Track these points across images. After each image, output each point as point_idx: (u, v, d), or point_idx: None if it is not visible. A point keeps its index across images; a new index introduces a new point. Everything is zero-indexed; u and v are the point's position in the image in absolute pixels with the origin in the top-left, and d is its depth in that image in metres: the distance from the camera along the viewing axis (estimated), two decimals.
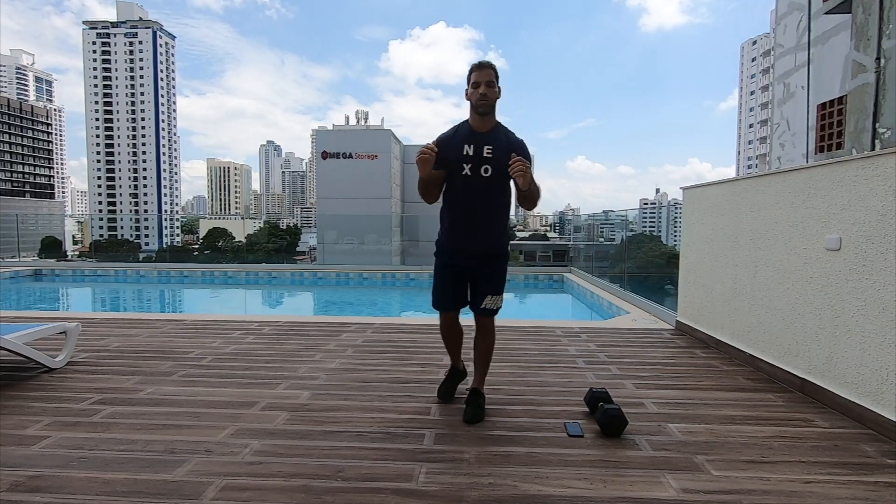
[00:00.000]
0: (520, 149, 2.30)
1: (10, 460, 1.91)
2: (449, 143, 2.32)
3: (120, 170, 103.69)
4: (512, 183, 2.31)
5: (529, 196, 2.25)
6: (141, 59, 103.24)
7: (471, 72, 2.29)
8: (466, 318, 2.56)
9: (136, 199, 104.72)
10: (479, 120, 2.30)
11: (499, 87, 2.29)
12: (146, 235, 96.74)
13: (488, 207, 2.35)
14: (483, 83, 2.24)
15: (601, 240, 11.34)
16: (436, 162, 2.24)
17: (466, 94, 2.31)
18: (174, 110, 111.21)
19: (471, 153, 2.29)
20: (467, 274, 2.41)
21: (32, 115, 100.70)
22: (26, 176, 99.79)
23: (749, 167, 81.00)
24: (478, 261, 2.38)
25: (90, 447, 2.03)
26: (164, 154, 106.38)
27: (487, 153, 2.28)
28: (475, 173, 2.29)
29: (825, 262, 2.58)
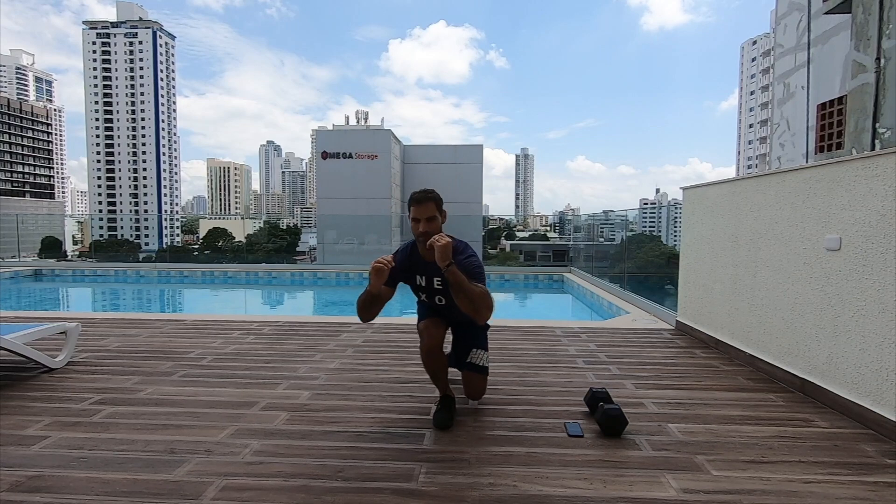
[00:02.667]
0: (464, 269, 2.11)
1: (10, 460, 1.91)
2: (404, 269, 2.31)
3: (120, 170, 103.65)
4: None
5: (457, 285, 2.00)
6: (141, 60, 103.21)
7: (409, 205, 2.22)
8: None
9: (136, 199, 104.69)
10: (425, 250, 2.21)
11: (443, 213, 2.24)
12: (146, 235, 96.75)
13: (454, 316, 2.42)
14: (423, 220, 2.18)
15: (601, 240, 11.34)
16: (391, 280, 2.23)
17: (410, 225, 2.25)
18: (174, 110, 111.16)
19: (423, 284, 2.34)
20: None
21: (32, 115, 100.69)
22: (26, 176, 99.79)
23: (749, 167, 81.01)
24: (458, 323, 2.47)
25: (90, 447, 2.03)
26: (164, 154, 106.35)
27: (438, 285, 2.29)
28: (431, 300, 2.38)
29: (825, 262, 2.58)
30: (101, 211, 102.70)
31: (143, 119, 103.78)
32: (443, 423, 2.26)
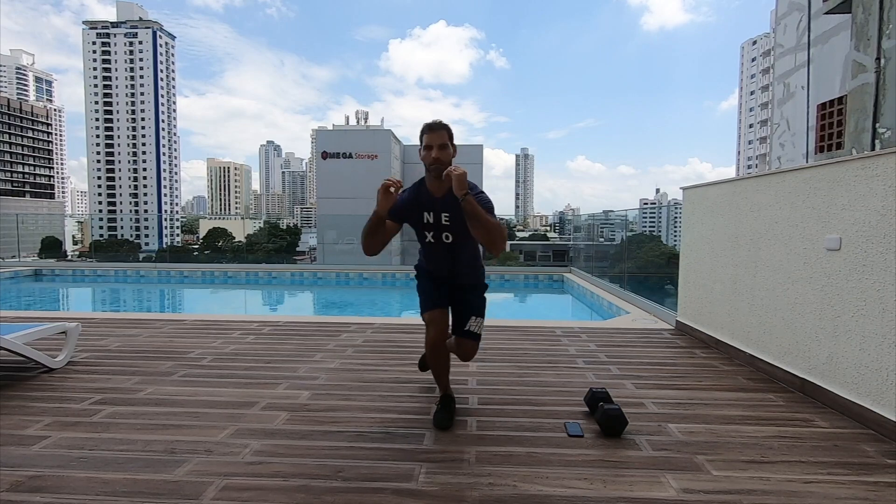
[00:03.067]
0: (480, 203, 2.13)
1: (10, 460, 1.91)
2: (409, 206, 2.28)
3: (120, 170, 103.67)
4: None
5: (473, 213, 2.01)
6: (141, 60, 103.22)
7: (423, 133, 2.21)
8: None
9: (136, 199, 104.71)
10: (435, 183, 2.22)
11: (454, 147, 2.23)
12: (146, 235, 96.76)
13: (458, 260, 2.38)
14: (435, 146, 2.17)
15: (601, 240, 11.34)
16: (395, 217, 2.23)
17: (420, 154, 2.24)
18: (174, 110, 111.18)
19: (431, 221, 2.28)
20: (449, 289, 2.43)
21: (32, 115, 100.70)
22: (26, 176, 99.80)
23: (749, 167, 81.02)
24: (458, 287, 2.43)
25: (90, 447, 2.03)
26: (164, 154, 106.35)
27: (445, 221, 2.26)
28: (437, 239, 2.32)
29: (825, 262, 2.58)
30: (101, 211, 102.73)
31: (143, 119, 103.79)
32: (443, 423, 2.27)
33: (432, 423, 2.29)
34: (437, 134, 2.19)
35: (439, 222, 2.27)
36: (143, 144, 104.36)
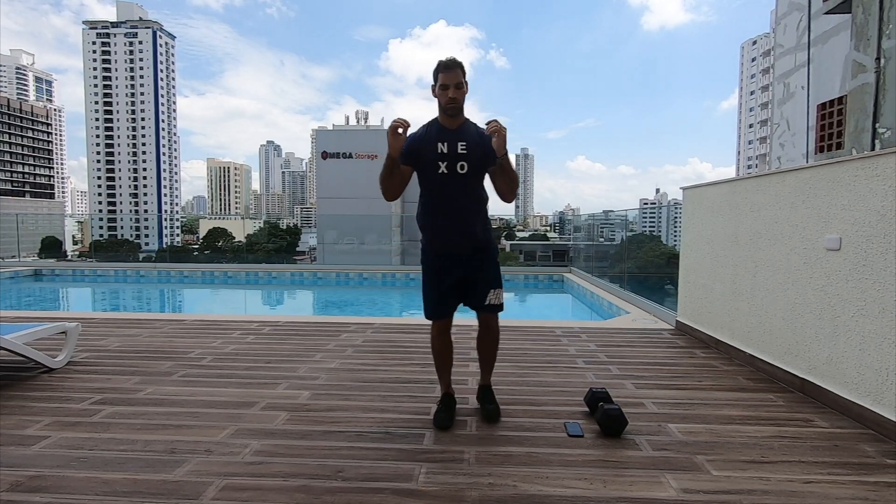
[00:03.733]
0: (490, 144, 2.19)
1: (10, 460, 1.91)
2: (421, 142, 2.25)
3: (120, 170, 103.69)
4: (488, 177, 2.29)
5: (507, 168, 2.18)
6: (141, 60, 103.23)
7: (437, 72, 2.20)
8: (466, 318, 2.56)
9: (136, 199, 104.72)
10: (449, 119, 2.26)
11: (466, 84, 2.23)
12: (146, 235, 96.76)
13: (467, 203, 2.29)
14: (452, 85, 2.18)
15: (601, 240, 11.33)
16: (408, 158, 2.23)
17: (433, 92, 2.24)
18: (174, 110, 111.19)
19: (445, 150, 2.23)
20: (458, 275, 2.32)
21: (32, 115, 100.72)
22: (26, 176, 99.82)
23: (749, 167, 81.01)
24: (466, 259, 2.31)
25: (90, 447, 2.03)
26: (164, 154, 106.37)
27: (462, 149, 2.23)
28: (451, 171, 2.24)
29: (825, 262, 2.58)
30: (101, 211, 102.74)
31: (143, 119, 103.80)
32: (443, 423, 2.27)
33: (433, 422, 2.29)
34: (452, 73, 2.18)
35: (455, 151, 2.23)
36: (143, 144, 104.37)
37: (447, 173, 2.24)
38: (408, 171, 2.28)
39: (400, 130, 2.09)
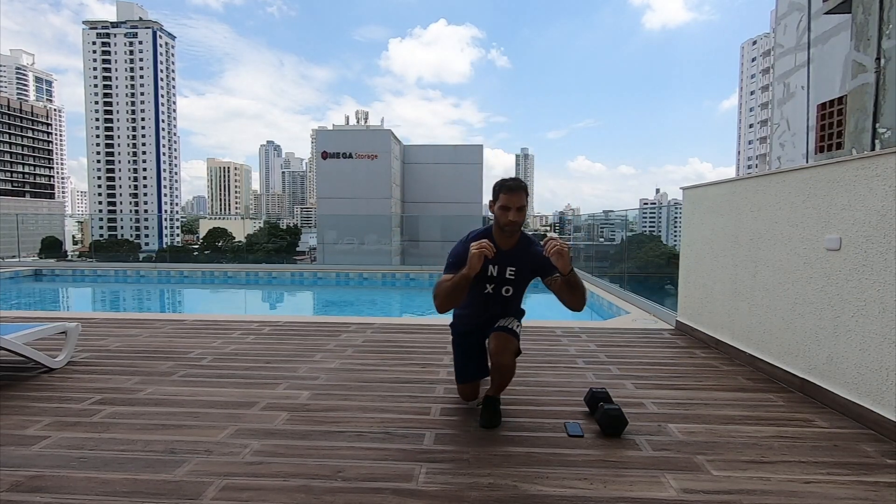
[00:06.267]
0: (543, 261, 2.19)
1: (10, 460, 1.91)
2: None
3: (120, 170, 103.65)
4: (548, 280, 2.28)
5: (574, 283, 2.13)
6: (141, 60, 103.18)
7: (499, 191, 2.20)
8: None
9: (136, 199, 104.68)
10: (503, 238, 2.26)
11: (527, 206, 2.24)
12: (146, 235, 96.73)
13: (505, 313, 2.40)
14: (514, 208, 2.17)
15: (601, 240, 11.34)
16: (460, 268, 2.15)
17: (491, 208, 2.25)
18: (174, 110, 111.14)
19: (494, 274, 2.28)
20: (482, 336, 2.47)
21: (32, 115, 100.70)
22: (26, 176, 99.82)
23: (749, 167, 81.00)
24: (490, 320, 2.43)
25: (90, 447, 2.03)
26: (164, 154, 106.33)
27: (510, 275, 2.28)
28: (496, 293, 2.33)
29: (825, 262, 2.58)
30: (101, 211, 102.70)
31: (143, 119, 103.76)
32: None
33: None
34: (516, 196, 2.19)
35: (503, 276, 2.29)
36: (143, 144, 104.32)
37: (492, 294, 2.33)
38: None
39: (489, 256, 2.08)
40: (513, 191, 2.19)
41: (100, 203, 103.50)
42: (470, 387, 2.52)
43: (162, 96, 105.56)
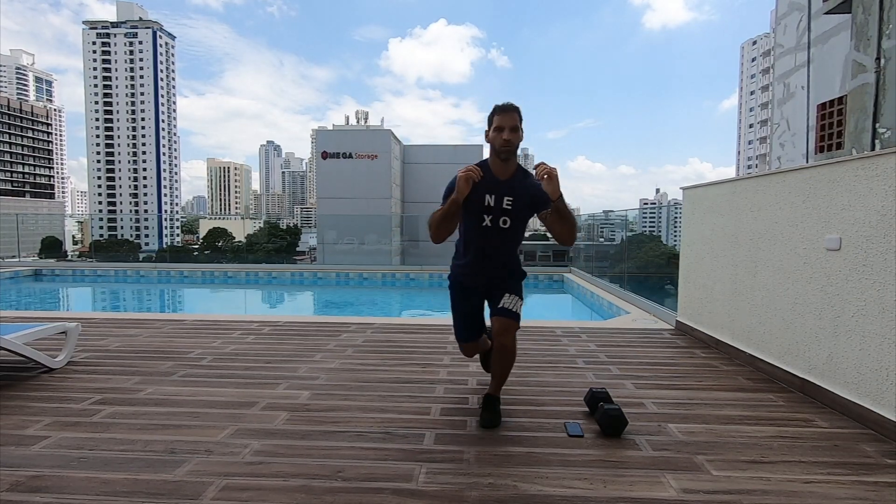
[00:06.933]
0: (540, 193, 2.20)
1: (10, 460, 1.91)
2: (472, 188, 2.23)
3: (120, 170, 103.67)
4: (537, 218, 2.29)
5: (563, 212, 2.13)
6: (141, 60, 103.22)
7: (493, 114, 2.21)
8: None
9: (136, 199, 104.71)
10: (500, 165, 2.25)
11: (522, 130, 2.23)
12: (146, 235, 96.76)
13: (503, 251, 2.36)
14: (507, 128, 2.18)
15: (601, 240, 11.34)
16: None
17: (487, 136, 2.25)
18: (174, 110, 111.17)
19: (491, 204, 2.26)
20: (483, 296, 2.45)
21: (32, 115, 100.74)
22: (26, 176, 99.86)
23: (749, 167, 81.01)
24: (490, 285, 2.40)
25: (90, 447, 2.03)
26: (164, 154, 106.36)
27: (507, 205, 2.25)
28: (494, 224, 2.29)
29: (825, 262, 2.58)
30: (101, 211, 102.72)
31: (143, 119, 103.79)
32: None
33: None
34: (509, 115, 2.19)
35: (500, 206, 2.25)
36: (143, 144, 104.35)
37: (490, 227, 2.29)
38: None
39: (475, 179, 2.12)
40: (506, 111, 2.19)
41: (100, 203, 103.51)
42: (471, 346, 2.54)
43: (162, 96, 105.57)
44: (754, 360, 3.20)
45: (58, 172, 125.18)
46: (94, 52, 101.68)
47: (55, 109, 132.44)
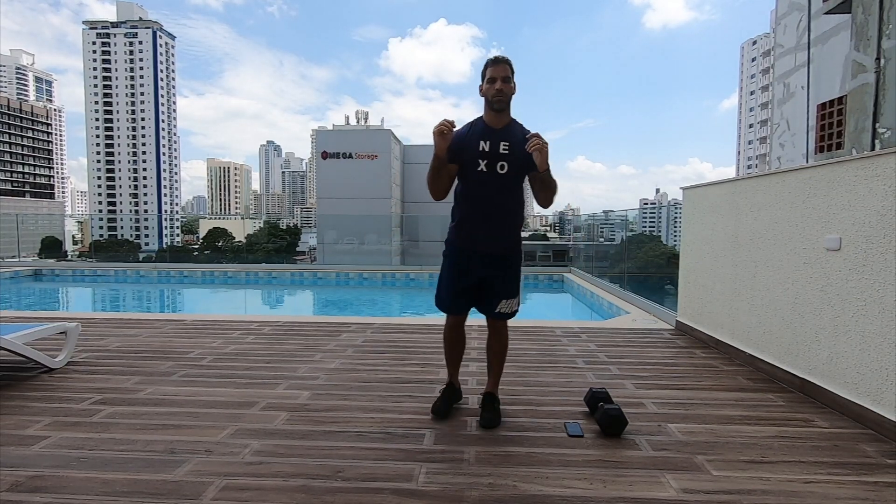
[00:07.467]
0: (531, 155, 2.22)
1: (10, 460, 1.91)
2: (464, 139, 2.25)
3: (120, 170, 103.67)
4: (527, 179, 2.28)
5: (547, 180, 2.18)
6: (141, 60, 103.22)
7: (486, 67, 2.25)
8: (473, 318, 2.56)
9: (136, 199, 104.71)
10: (494, 116, 2.26)
11: (514, 83, 2.26)
12: (146, 235, 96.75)
13: (503, 204, 2.27)
14: (499, 79, 2.20)
15: (601, 240, 11.34)
16: (453, 155, 2.22)
17: (481, 90, 2.26)
18: (174, 110, 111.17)
19: (486, 149, 2.23)
20: (479, 276, 2.32)
21: (32, 115, 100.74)
22: (26, 176, 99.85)
23: (749, 167, 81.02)
24: (489, 262, 2.30)
25: (90, 447, 2.03)
26: (164, 154, 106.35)
27: (504, 149, 2.22)
28: (491, 170, 2.23)
29: (825, 262, 2.58)
30: (101, 211, 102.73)
31: (143, 119, 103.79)
32: (437, 410, 2.35)
33: (431, 412, 2.37)
34: (500, 67, 2.22)
35: (496, 151, 2.23)
36: (143, 144, 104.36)
37: (486, 171, 2.23)
38: (455, 169, 2.28)
39: (446, 131, 2.12)
40: (497, 62, 2.23)
41: (100, 203, 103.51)
42: (457, 319, 2.41)
43: (162, 96, 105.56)
44: (754, 360, 3.20)
45: (58, 172, 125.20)
46: (94, 52, 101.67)
47: (55, 109, 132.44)
